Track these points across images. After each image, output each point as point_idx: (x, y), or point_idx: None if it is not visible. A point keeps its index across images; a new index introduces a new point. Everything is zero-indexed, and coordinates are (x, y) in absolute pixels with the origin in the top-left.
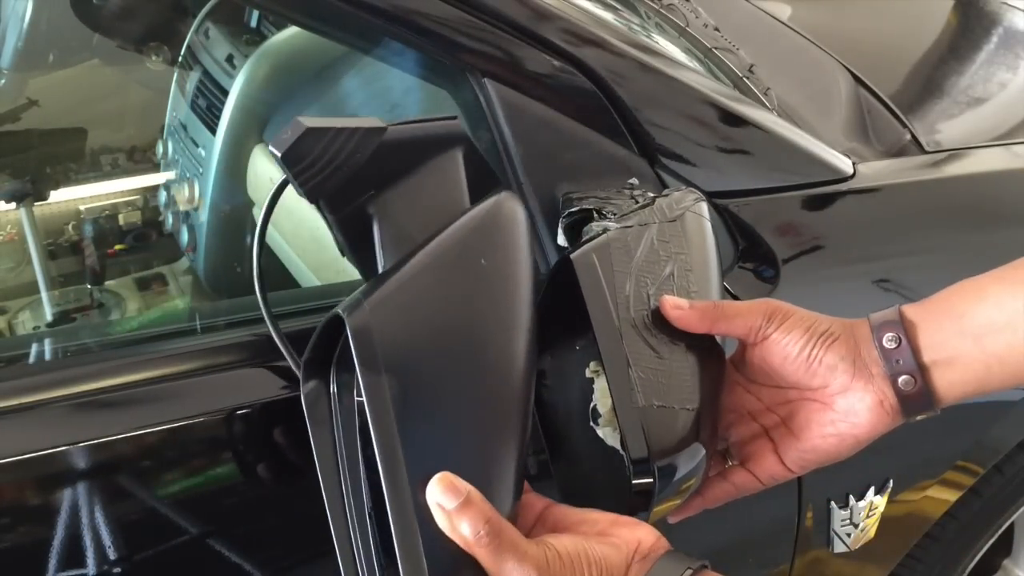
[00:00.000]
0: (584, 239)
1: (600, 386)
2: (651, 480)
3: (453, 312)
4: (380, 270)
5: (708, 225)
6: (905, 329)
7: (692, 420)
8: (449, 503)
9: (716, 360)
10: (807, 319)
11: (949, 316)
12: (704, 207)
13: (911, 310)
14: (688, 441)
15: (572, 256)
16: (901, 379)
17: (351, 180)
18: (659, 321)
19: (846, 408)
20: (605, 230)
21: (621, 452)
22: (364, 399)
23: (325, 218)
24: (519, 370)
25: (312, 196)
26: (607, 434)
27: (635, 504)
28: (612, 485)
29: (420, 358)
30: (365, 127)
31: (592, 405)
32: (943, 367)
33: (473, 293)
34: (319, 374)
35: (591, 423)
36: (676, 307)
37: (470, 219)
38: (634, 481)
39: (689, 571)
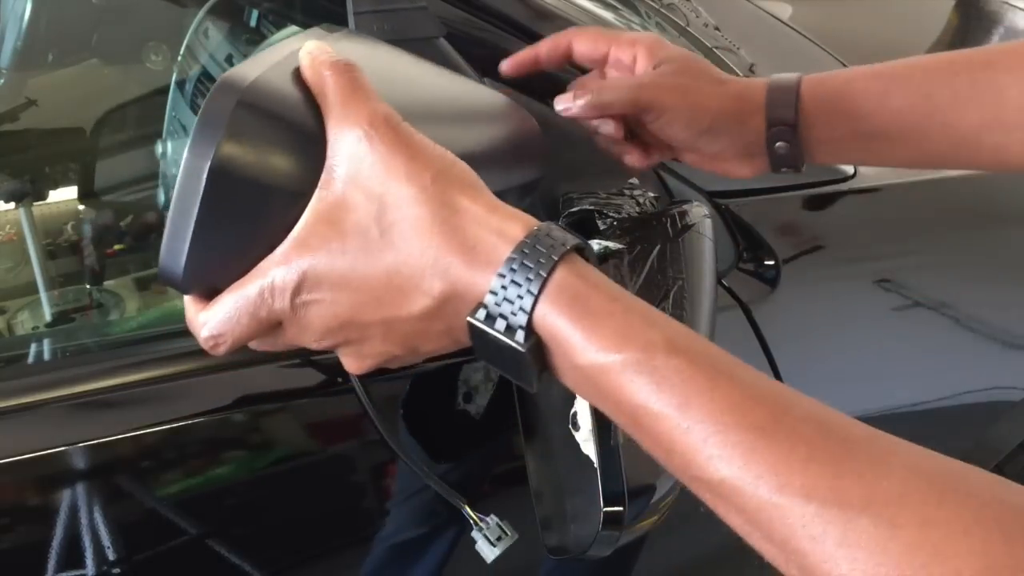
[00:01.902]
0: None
1: (582, 400)
2: (621, 509)
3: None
4: None
5: (710, 246)
6: (800, 132)
7: None
8: (324, 55)
9: None
10: (685, 112)
11: (847, 117)
12: (708, 225)
13: (811, 102)
14: (663, 472)
15: None
16: (781, 166)
17: None
18: None
19: (728, 168)
20: (607, 249)
21: (595, 465)
22: None
23: None
24: None
25: None
26: (584, 443)
27: (607, 526)
28: (582, 486)
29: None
30: None
31: (573, 411)
32: (824, 156)
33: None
34: None
35: (569, 426)
36: (563, 102)
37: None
38: (604, 509)
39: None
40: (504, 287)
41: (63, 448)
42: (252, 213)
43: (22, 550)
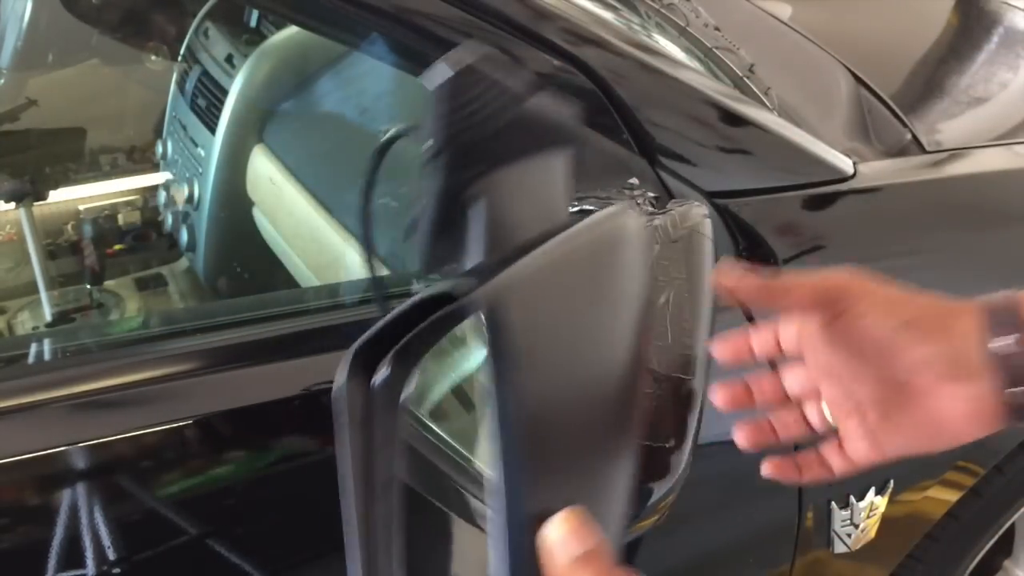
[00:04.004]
0: None
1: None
2: None
3: (576, 321)
4: (468, 257)
5: (710, 247)
6: None
7: None
8: (574, 549)
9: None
10: (886, 304)
11: None
12: (708, 225)
13: None
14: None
15: None
16: (1015, 389)
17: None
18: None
19: (938, 408)
20: None
21: None
22: (491, 389)
23: (426, 185)
24: (637, 405)
25: (438, 151)
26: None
27: None
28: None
29: (544, 362)
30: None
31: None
32: None
33: (596, 307)
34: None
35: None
36: (729, 277)
37: (596, 226)
38: None
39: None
40: None
41: (63, 448)
42: None
43: (22, 550)
